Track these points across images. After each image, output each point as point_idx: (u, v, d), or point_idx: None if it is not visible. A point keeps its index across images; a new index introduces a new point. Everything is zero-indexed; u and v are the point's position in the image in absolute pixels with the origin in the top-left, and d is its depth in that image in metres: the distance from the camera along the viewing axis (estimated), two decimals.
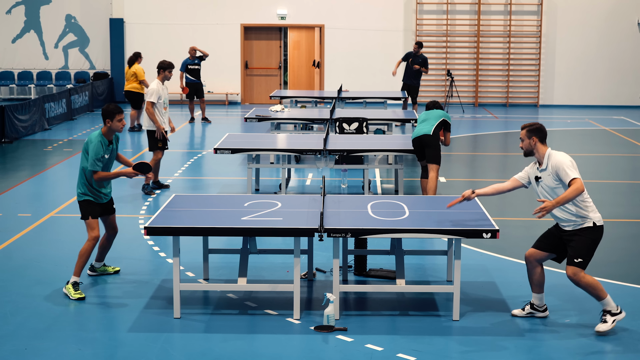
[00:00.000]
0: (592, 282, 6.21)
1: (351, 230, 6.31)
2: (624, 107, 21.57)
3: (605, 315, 6.25)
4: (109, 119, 7.11)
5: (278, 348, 5.91)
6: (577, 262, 6.18)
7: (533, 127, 6.34)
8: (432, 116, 10.02)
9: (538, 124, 6.38)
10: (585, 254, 6.19)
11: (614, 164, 13.66)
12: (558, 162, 6.16)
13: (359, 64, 21.59)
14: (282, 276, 7.49)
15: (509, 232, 9.20)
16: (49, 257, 8.10)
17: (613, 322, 6.23)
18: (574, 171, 6.11)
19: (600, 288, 6.21)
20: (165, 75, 10.61)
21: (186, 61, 17.99)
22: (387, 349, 5.88)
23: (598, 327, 6.24)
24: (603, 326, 6.23)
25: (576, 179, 6.07)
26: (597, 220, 6.20)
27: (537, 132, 6.31)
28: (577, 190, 6.05)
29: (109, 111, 7.13)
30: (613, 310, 6.25)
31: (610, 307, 6.24)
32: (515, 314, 6.57)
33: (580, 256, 6.18)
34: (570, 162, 6.17)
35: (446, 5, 21.53)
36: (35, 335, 6.13)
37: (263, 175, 12.17)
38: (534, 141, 6.30)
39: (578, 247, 6.18)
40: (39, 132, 16.45)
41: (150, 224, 6.46)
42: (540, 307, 6.55)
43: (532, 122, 6.46)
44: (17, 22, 21.95)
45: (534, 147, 6.31)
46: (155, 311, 6.61)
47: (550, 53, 21.74)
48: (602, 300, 6.24)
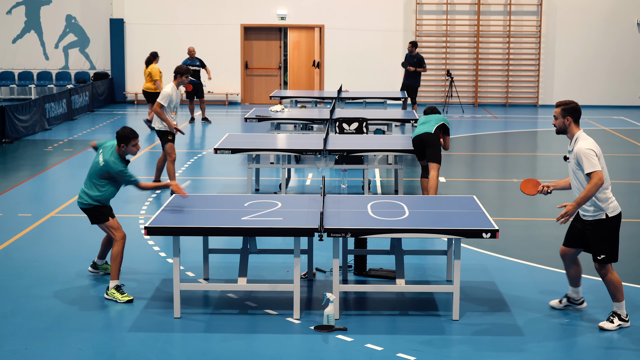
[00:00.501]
0: (618, 281, 6.25)
1: (351, 230, 6.32)
2: (623, 107, 21.59)
3: (614, 317, 6.29)
4: (124, 144, 6.97)
5: (278, 348, 5.92)
6: (600, 259, 6.24)
7: (569, 106, 6.26)
8: (432, 119, 10.02)
9: (574, 103, 6.32)
10: (607, 249, 6.20)
11: (613, 164, 13.65)
12: (580, 149, 6.12)
13: (359, 64, 21.60)
14: (282, 276, 7.50)
15: (509, 232, 9.21)
16: (50, 257, 8.11)
17: (618, 326, 6.27)
18: (593, 163, 6.04)
19: (620, 290, 6.25)
20: (182, 80, 10.64)
21: (186, 61, 18.01)
22: (387, 349, 5.89)
23: (602, 323, 6.30)
24: (608, 324, 6.28)
25: (594, 172, 6.01)
26: (611, 211, 6.18)
27: (572, 111, 6.24)
28: (596, 186, 6.01)
29: (125, 136, 6.94)
30: (623, 316, 6.30)
31: (621, 312, 6.30)
32: (552, 306, 6.69)
33: (601, 252, 6.22)
34: (592, 152, 6.08)
35: (446, 6, 21.55)
36: (35, 335, 6.14)
37: (263, 175, 12.18)
38: (568, 120, 6.26)
39: (596, 244, 6.22)
40: (39, 132, 16.46)
41: (151, 223, 6.47)
42: (577, 301, 6.64)
43: (567, 100, 6.41)
44: (17, 23, 21.97)
45: (567, 127, 6.27)
46: (155, 311, 6.62)
47: (549, 53, 21.75)
48: (618, 302, 6.29)
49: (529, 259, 8.13)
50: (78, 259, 8.02)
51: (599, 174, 6.02)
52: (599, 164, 6.08)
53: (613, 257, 6.25)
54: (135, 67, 21.77)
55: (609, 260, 6.24)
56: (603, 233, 6.20)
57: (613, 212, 6.20)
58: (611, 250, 6.23)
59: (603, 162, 6.20)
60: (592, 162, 6.06)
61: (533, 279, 7.55)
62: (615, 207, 6.22)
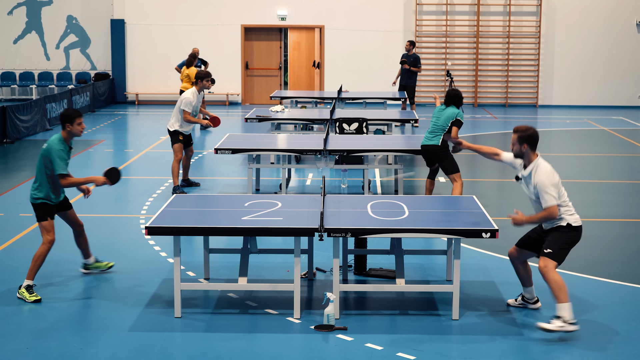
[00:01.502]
0: (559, 281, 6.08)
1: (351, 230, 6.33)
2: (622, 108, 21.60)
3: (556, 319, 6.08)
4: (68, 123, 6.99)
5: (278, 347, 5.93)
6: (546, 253, 6.17)
7: (526, 133, 6.28)
8: (443, 118, 9.47)
9: (531, 130, 6.31)
10: (557, 248, 6.17)
11: (612, 164, 13.69)
12: (540, 181, 6.17)
13: (359, 64, 21.63)
14: (282, 276, 7.52)
15: (508, 231, 9.21)
16: (50, 256, 8.08)
17: (558, 327, 6.05)
18: (551, 197, 6.12)
19: (564, 291, 6.06)
20: (203, 85, 10.88)
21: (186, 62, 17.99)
22: (386, 348, 5.90)
23: (540, 323, 6.16)
24: (546, 324, 6.10)
25: (552, 207, 6.11)
26: (573, 221, 6.24)
27: (529, 139, 6.28)
28: (549, 217, 6.16)
29: (69, 115, 7.00)
30: (566, 319, 6.07)
31: (565, 315, 6.06)
32: (509, 304, 6.77)
33: (550, 247, 6.18)
34: (552, 186, 6.14)
35: (445, 6, 21.57)
36: (36, 335, 6.15)
37: (263, 175, 12.20)
38: (524, 147, 6.30)
39: (550, 240, 6.23)
40: (40, 132, 16.48)
41: (151, 223, 6.48)
42: (531, 300, 6.68)
43: (525, 126, 6.38)
44: (18, 23, 21.99)
45: (524, 153, 6.33)
46: (156, 310, 6.63)
47: (549, 53, 21.77)
48: (561, 304, 6.06)
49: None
50: (78, 259, 8.02)
51: (554, 210, 6.12)
52: (555, 200, 6.13)
53: (558, 256, 6.18)
54: (136, 67, 21.81)
55: (554, 257, 6.16)
56: (560, 234, 6.22)
57: (575, 223, 6.26)
58: (559, 251, 6.18)
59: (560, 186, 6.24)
60: (550, 196, 6.13)
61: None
62: (576, 220, 6.27)
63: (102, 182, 7.11)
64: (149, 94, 22.06)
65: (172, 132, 10.97)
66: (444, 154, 9.53)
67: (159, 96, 22.03)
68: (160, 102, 21.95)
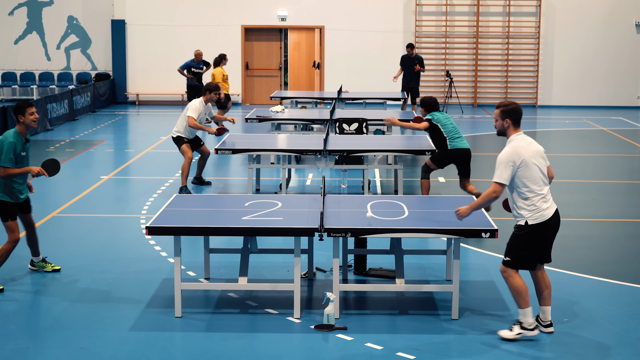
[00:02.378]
0: (519, 287, 5.96)
1: (351, 229, 6.35)
2: (621, 108, 21.63)
3: (516, 325, 6.04)
4: (21, 115, 6.99)
5: (278, 347, 5.95)
6: (505, 261, 6.03)
7: (508, 107, 6.03)
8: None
9: (514, 105, 6.06)
10: (514, 254, 5.97)
11: (612, 164, 13.71)
12: (500, 155, 5.95)
13: (359, 65, 21.65)
14: (282, 275, 7.53)
15: (508, 231, 9.21)
16: (51, 256, 8.13)
17: (518, 334, 6.00)
18: (500, 172, 5.87)
19: (523, 297, 5.96)
20: (211, 97, 11.03)
21: (190, 63, 18.06)
22: (386, 348, 5.92)
23: (501, 332, 6.09)
24: (506, 333, 6.04)
25: (495, 182, 5.88)
26: (532, 219, 5.93)
27: (511, 113, 6.01)
28: (489, 196, 5.90)
29: (19, 107, 6.99)
30: (526, 325, 6.01)
31: (525, 321, 6.01)
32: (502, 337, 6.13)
33: (508, 254, 6.01)
34: (505, 160, 5.87)
35: (445, 7, 21.59)
36: (37, 335, 6.17)
37: (263, 175, 12.22)
38: (507, 122, 6.03)
39: (508, 245, 6.05)
40: (41, 132, 16.50)
41: (152, 223, 6.50)
42: (544, 322, 6.21)
43: (508, 101, 6.20)
44: (19, 24, 22.02)
45: (506, 129, 6.06)
46: (156, 310, 6.65)
47: (548, 54, 21.80)
48: (521, 309, 6.00)
49: None
50: (79, 259, 8.06)
51: (496, 187, 5.88)
52: (504, 177, 5.88)
53: (518, 264, 5.97)
54: (137, 67, 21.83)
55: (513, 265, 5.98)
56: (518, 238, 5.98)
57: (535, 220, 5.93)
58: (517, 256, 5.96)
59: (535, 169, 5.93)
60: (500, 172, 5.88)
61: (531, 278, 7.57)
62: (539, 217, 5.92)
63: (36, 172, 7.08)
64: (150, 94, 22.08)
65: (175, 138, 11.10)
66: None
67: (159, 96, 22.05)
68: (160, 103, 21.97)
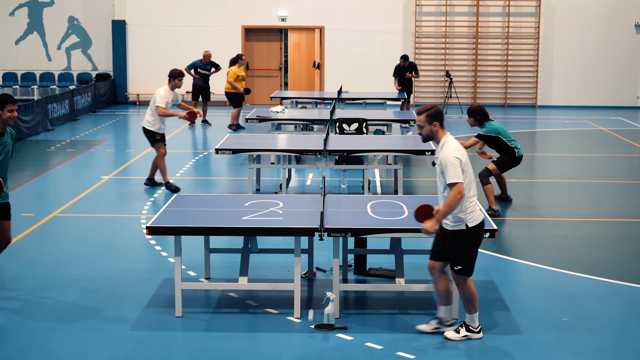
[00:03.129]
0: (470, 294, 5.99)
1: (351, 229, 6.37)
2: (621, 108, 21.65)
3: (462, 327, 6.09)
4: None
5: (279, 346, 5.97)
6: (457, 270, 5.95)
7: (432, 110, 5.86)
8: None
9: (436, 107, 5.92)
10: (464, 260, 5.91)
11: (611, 164, 13.73)
12: (445, 156, 5.76)
13: (359, 65, 21.68)
14: (282, 275, 7.55)
15: (507, 231, 9.27)
16: (52, 256, 8.16)
17: (464, 337, 6.06)
18: (457, 173, 5.72)
19: (474, 303, 6.01)
20: (176, 84, 11.16)
21: (197, 63, 18.12)
22: (386, 347, 5.93)
23: (447, 333, 6.09)
24: (453, 334, 6.07)
25: (456, 184, 5.69)
26: (472, 221, 5.85)
27: (438, 116, 5.87)
28: (455, 199, 5.68)
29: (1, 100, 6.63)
30: (473, 327, 6.08)
31: (472, 324, 6.07)
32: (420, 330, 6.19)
33: (459, 264, 5.93)
34: (457, 160, 5.75)
35: (445, 7, 21.62)
36: (38, 334, 6.18)
37: (264, 175, 12.24)
38: (435, 126, 5.88)
39: (455, 254, 5.93)
40: (42, 132, 16.53)
41: (152, 223, 6.52)
42: (447, 322, 6.19)
43: (428, 105, 6.00)
44: (20, 24, 22.04)
45: (435, 133, 5.90)
46: (157, 310, 6.66)
47: (548, 54, 21.82)
48: (470, 314, 6.06)
49: (527, 258, 8.18)
50: (80, 259, 8.08)
51: (459, 186, 5.69)
52: (461, 176, 5.73)
53: (469, 269, 5.94)
54: (137, 68, 21.85)
55: (465, 272, 5.94)
56: (462, 244, 5.88)
57: (473, 222, 5.86)
58: (467, 261, 5.91)
59: (469, 169, 5.91)
60: (456, 171, 5.71)
61: (531, 278, 7.61)
62: (476, 218, 5.87)
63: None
64: (150, 94, 22.03)
65: (148, 131, 11.12)
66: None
67: None
68: None
